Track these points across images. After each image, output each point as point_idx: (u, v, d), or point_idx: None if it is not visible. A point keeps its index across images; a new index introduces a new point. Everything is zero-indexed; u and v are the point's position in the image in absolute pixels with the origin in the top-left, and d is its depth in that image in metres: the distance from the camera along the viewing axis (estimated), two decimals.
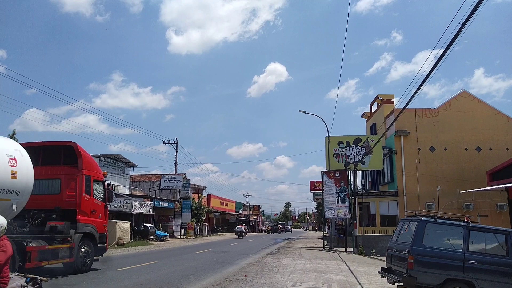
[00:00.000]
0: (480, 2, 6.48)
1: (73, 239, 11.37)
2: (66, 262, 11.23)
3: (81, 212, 11.91)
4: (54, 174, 11.91)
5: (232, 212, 69.20)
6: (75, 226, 11.53)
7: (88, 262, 12.14)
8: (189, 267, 14.02)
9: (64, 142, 12.53)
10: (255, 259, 17.78)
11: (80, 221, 11.79)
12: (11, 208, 9.30)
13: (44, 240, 10.47)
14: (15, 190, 9.31)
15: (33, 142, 12.19)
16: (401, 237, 9.23)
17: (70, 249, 11.21)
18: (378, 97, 31.08)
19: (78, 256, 11.56)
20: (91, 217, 12.40)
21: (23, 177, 9.53)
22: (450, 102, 26.99)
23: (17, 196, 9.42)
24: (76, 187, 11.88)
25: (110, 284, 10.02)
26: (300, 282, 10.72)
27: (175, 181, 40.80)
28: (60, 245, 10.90)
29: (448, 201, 24.55)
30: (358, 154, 27.10)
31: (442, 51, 8.00)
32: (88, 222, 12.19)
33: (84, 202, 12.07)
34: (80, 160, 12.13)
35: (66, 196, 11.77)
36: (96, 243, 12.56)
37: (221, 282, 10.37)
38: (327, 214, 25.73)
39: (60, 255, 10.89)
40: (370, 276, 12.32)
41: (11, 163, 9.27)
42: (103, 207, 13.31)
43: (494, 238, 8.28)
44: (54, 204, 11.53)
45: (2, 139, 9.84)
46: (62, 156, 12.46)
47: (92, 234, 12.34)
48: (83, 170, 12.09)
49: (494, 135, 26.04)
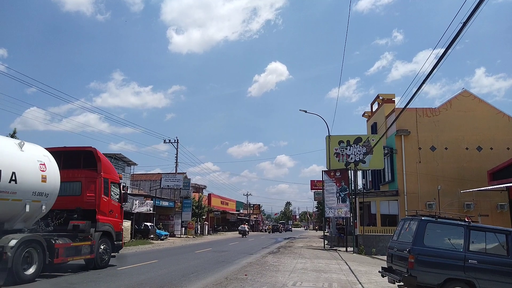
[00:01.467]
0: (481, 1, 6.47)
1: (93, 237, 12.21)
2: (87, 258, 12.09)
3: (100, 212, 12.73)
4: (75, 177, 12.67)
5: (233, 212, 69.22)
6: (94, 225, 12.37)
7: (106, 259, 13.00)
8: (189, 266, 14.03)
9: (84, 148, 13.46)
10: (256, 258, 17.79)
11: (99, 220, 12.63)
12: (41, 209, 10.37)
13: (68, 238, 11.24)
14: (44, 192, 10.38)
15: (55, 148, 12.84)
16: (401, 236, 9.23)
17: (91, 246, 12.04)
18: (379, 96, 31.04)
19: (97, 253, 12.39)
20: (109, 217, 13.27)
21: (51, 180, 10.60)
22: (451, 102, 26.95)
23: (46, 198, 10.46)
24: (96, 189, 12.69)
25: (111, 283, 10.02)
26: (301, 281, 10.72)
27: (176, 180, 40.80)
28: (82, 243, 11.72)
29: (448, 200, 24.54)
30: (359, 154, 27.09)
31: (443, 51, 8.00)
32: (106, 221, 13.05)
33: (102, 203, 12.90)
34: (99, 164, 12.94)
35: (87, 197, 12.60)
36: (113, 240, 13.42)
37: (221, 281, 10.38)
38: (328, 213, 25.73)
39: (82, 251, 11.73)
40: (371, 276, 12.32)
41: (41, 168, 10.33)
42: (119, 208, 14.17)
43: (494, 238, 8.26)
44: (75, 205, 12.30)
45: (32, 146, 10.78)
46: (82, 160, 13.26)
47: (109, 232, 13.17)
48: (102, 173, 12.92)
49: (495, 135, 26.00)
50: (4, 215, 9.56)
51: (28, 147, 10.43)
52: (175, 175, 41.55)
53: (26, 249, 9.48)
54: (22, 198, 9.72)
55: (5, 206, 9.36)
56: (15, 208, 9.68)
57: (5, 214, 9.57)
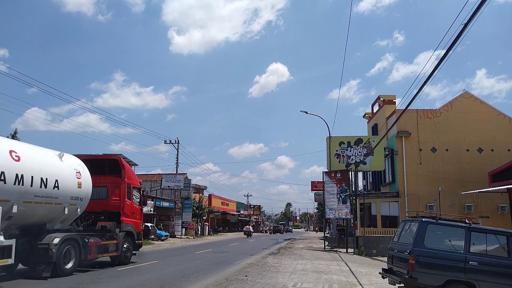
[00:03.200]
0: (483, 3, 6.47)
1: (118, 236, 13.57)
2: (113, 255, 13.44)
3: (124, 214, 14.06)
4: (102, 182, 13.79)
5: (233, 212, 69.19)
6: (119, 225, 13.73)
7: (129, 256, 14.41)
8: (190, 267, 14.03)
9: (110, 156, 15.37)
10: (256, 259, 17.77)
11: (123, 221, 13.99)
12: (76, 211, 11.88)
13: (97, 237, 12.57)
14: (79, 197, 11.82)
15: (84, 155, 13.95)
16: (402, 238, 9.22)
17: (117, 244, 13.42)
18: (380, 97, 31.04)
19: (122, 251, 13.76)
20: (131, 218, 14.64)
21: (85, 186, 12.07)
22: (451, 103, 26.94)
23: (81, 202, 11.93)
24: (120, 193, 14.01)
25: (111, 283, 10.02)
26: (301, 282, 10.71)
27: (176, 181, 40.79)
28: (109, 241, 13.09)
29: (449, 202, 24.52)
30: (360, 155, 27.07)
31: (444, 52, 8.00)
32: (129, 223, 14.42)
33: (126, 206, 14.22)
34: (123, 171, 14.26)
35: (112, 201, 13.90)
36: (135, 240, 14.82)
37: (222, 282, 10.37)
38: (328, 214, 25.72)
39: (110, 249, 13.12)
40: (371, 277, 12.30)
41: (77, 176, 11.81)
42: (139, 210, 15.54)
43: (495, 240, 8.25)
44: (102, 208, 13.56)
45: (69, 156, 12.23)
46: (107, 167, 14.47)
47: (131, 232, 14.55)
48: (125, 179, 14.23)
49: (496, 136, 25.99)
50: (47, 217, 10.98)
51: (66, 157, 11.86)
52: (175, 176, 41.54)
53: (66, 246, 10.85)
54: (62, 202, 11.11)
55: (49, 209, 10.76)
56: (56, 211, 11.07)
57: (48, 216, 10.96)
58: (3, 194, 9.12)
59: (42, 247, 10.28)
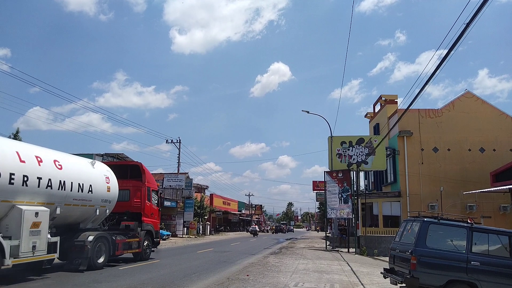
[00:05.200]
0: (485, 2, 6.46)
1: (140, 234, 14.92)
2: (135, 252, 14.76)
3: (144, 214, 15.42)
4: (124, 186, 14.83)
5: (235, 212, 69.19)
6: (140, 225, 15.10)
7: (149, 252, 15.77)
8: (191, 266, 14.04)
9: (132, 162, 16.92)
10: (257, 258, 17.79)
11: (144, 221, 15.38)
12: (105, 212, 13.36)
13: (122, 235, 13.93)
14: (108, 199, 13.30)
15: (108, 162, 15.82)
16: (404, 237, 9.20)
17: (139, 242, 14.80)
18: (382, 97, 30.98)
19: (143, 248, 15.13)
20: (150, 218, 16.01)
21: (113, 190, 13.55)
22: (453, 103, 26.88)
23: (109, 204, 13.42)
24: (141, 196, 15.36)
25: (113, 282, 10.04)
26: (302, 282, 10.71)
27: (178, 180, 40.83)
28: (133, 239, 14.45)
29: (451, 202, 24.47)
30: (361, 154, 27.04)
31: (446, 52, 7.98)
32: (149, 222, 15.81)
33: (146, 207, 15.60)
34: (144, 176, 15.64)
35: (134, 202, 15.23)
36: (153, 238, 16.17)
37: (223, 282, 10.38)
38: (330, 214, 25.70)
39: (133, 246, 14.45)
40: (373, 277, 12.30)
41: (106, 181, 13.29)
42: (157, 211, 16.91)
43: (497, 240, 8.23)
44: (125, 209, 14.88)
45: (99, 164, 13.65)
46: (129, 172, 15.80)
47: (151, 231, 15.94)
48: (145, 183, 15.60)
49: (498, 136, 25.91)
50: (81, 217, 12.43)
51: (97, 164, 13.34)
52: (177, 175, 41.58)
53: (98, 243, 12.27)
54: (94, 204, 12.56)
55: (84, 210, 12.24)
56: (89, 212, 12.53)
57: (82, 216, 12.40)
58: (50, 198, 10.56)
59: (78, 243, 11.61)
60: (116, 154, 36.42)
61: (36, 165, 10.16)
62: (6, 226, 9.29)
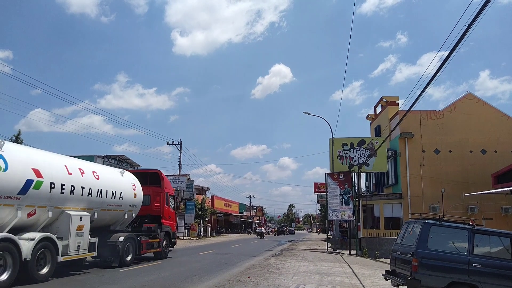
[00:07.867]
0: (486, 4, 6.46)
1: (160, 235, 16.37)
2: (156, 251, 16.23)
3: (163, 217, 16.92)
4: (145, 191, 15.91)
5: (236, 214, 69.15)
6: (160, 227, 16.53)
7: (167, 251, 17.37)
8: (192, 268, 14.02)
9: (152, 170, 18.12)
10: (259, 260, 17.76)
11: (163, 223, 16.88)
12: (132, 216, 14.88)
13: (145, 236, 15.32)
14: (135, 204, 14.77)
15: (131, 170, 17.63)
16: (405, 239, 9.18)
17: (159, 242, 16.27)
18: (383, 99, 30.99)
19: (162, 248, 16.59)
20: (168, 221, 17.52)
21: (138, 196, 15.06)
22: (455, 104, 26.87)
23: (135, 208, 14.92)
24: (160, 200, 16.89)
25: (114, 284, 10.03)
26: (304, 284, 10.69)
27: (179, 182, 40.80)
28: (154, 240, 15.90)
29: (452, 203, 24.43)
30: (362, 156, 27.02)
31: (447, 53, 7.98)
32: (167, 224, 17.31)
33: (165, 210, 17.12)
34: (163, 182, 17.24)
35: (154, 206, 16.71)
36: (171, 238, 17.68)
37: (224, 284, 10.36)
38: (331, 216, 25.66)
39: (154, 246, 15.90)
40: (374, 279, 12.27)
41: (133, 188, 14.76)
42: (174, 214, 18.67)
43: (499, 242, 8.21)
44: (146, 212, 16.16)
45: (127, 173, 15.16)
46: (149, 179, 16.99)
47: (169, 232, 17.42)
48: (164, 188, 17.16)
49: (499, 138, 25.88)
50: (112, 221, 13.94)
51: (125, 174, 14.88)
52: (178, 177, 41.56)
53: (127, 243, 13.64)
54: (124, 209, 14.04)
55: (115, 214, 13.75)
56: (119, 216, 14.04)
57: (113, 219, 13.91)
58: (90, 204, 12.02)
59: (111, 243, 12.99)
60: (117, 156, 36.46)
61: (80, 176, 11.65)
62: (57, 228, 10.77)
